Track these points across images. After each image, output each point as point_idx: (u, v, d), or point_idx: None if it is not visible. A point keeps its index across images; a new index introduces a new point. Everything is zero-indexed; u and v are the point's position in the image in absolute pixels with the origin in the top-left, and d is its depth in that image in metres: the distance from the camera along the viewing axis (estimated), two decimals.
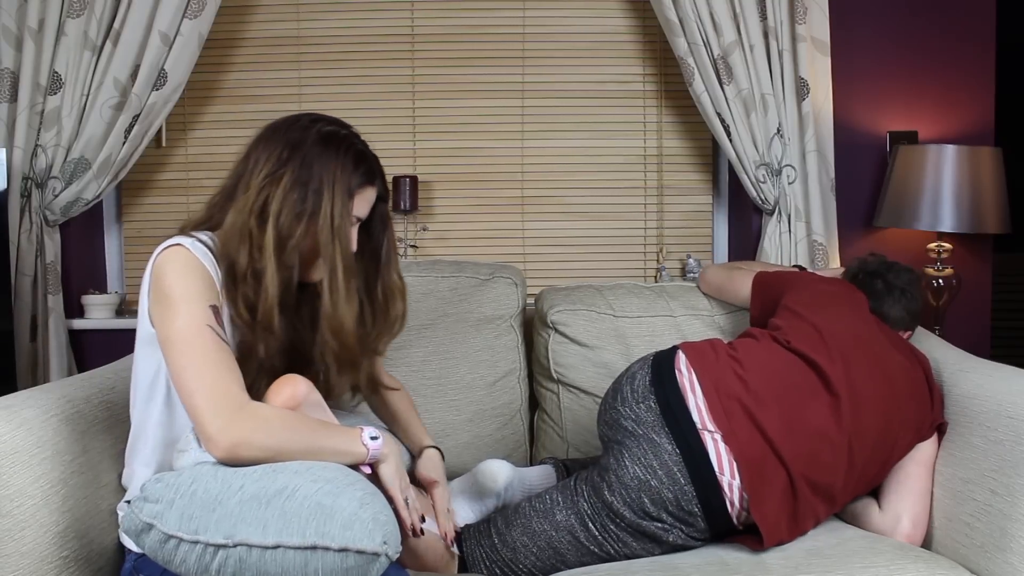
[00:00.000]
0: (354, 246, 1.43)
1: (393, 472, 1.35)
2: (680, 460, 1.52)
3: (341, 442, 1.30)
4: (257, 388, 1.38)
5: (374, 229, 1.53)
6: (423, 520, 1.41)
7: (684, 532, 1.54)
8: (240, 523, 1.14)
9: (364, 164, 1.44)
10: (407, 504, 1.36)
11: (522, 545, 1.61)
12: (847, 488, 1.59)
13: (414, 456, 1.71)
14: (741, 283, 2.05)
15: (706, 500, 1.51)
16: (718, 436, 1.53)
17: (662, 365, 1.63)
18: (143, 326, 1.38)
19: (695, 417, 1.55)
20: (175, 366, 1.28)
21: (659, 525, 1.53)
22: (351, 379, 1.50)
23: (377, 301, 1.53)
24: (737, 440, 1.52)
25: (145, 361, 1.39)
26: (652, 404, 1.58)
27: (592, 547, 1.57)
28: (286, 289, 1.40)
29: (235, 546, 1.13)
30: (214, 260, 1.37)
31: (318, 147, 1.40)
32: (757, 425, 1.53)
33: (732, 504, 1.52)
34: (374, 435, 1.33)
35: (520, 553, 1.61)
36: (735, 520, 1.54)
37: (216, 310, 1.32)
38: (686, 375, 1.60)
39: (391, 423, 1.76)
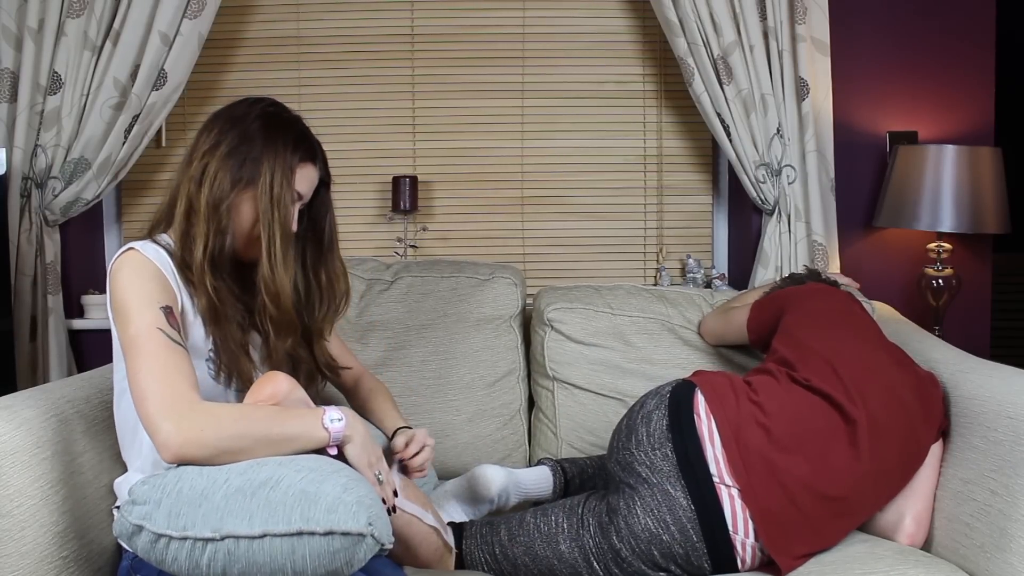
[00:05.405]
0: (294, 222, 1.47)
1: (359, 451, 1.31)
2: (694, 517, 1.49)
3: (300, 427, 1.27)
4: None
5: (317, 214, 1.57)
6: (424, 521, 1.40)
7: None
8: (227, 516, 1.14)
9: (306, 143, 1.49)
10: (379, 480, 1.33)
11: (523, 565, 1.61)
12: (872, 513, 1.62)
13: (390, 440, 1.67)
14: (738, 316, 2.02)
15: (717, 557, 1.50)
16: (735, 491, 1.49)
17: (680, 407, 1.57)
18: (113, 336, 1.41)
19: (712, 469, 1.50)
20: (130, 371, 1.29)
21: (664, 575, 1.52)
22: (290, 344, 1.52)
23: (322, 284, 1.58)
24: (755, 495, 1.49)
25: (119, 373, 1.43)
26: (669, 453, 1.53)
27: None
28: (220, 253, 1.43)
29: (223, 539, 1.13)
30: (168, 258, 1.40)
31: (259, 122, 1.46)
32: (778, 478, 1.50)
33: (744, 562, 1.51)
34: (336, 416, 1.29)
35: (520, 571, 1.61)
36: (744, 572, 1.54)
37: (169, 310, 1.33)
38: (705, 422, 1.54)
39: (367, 417, 1.74)
